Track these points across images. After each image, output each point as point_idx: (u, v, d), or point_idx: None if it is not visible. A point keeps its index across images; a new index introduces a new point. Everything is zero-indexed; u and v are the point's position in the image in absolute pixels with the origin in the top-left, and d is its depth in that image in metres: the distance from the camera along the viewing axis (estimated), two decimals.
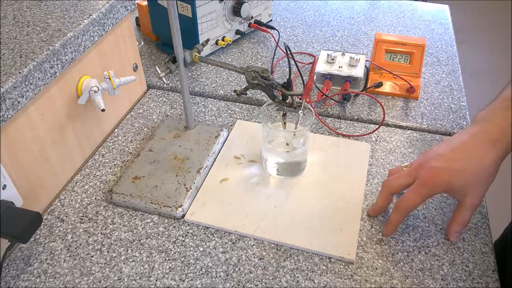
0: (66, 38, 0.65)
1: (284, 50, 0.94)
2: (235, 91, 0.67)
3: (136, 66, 0.88)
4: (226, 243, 0.63)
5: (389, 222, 0.63)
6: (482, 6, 3.45)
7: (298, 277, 0.59)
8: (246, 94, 0.67)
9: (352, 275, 0.59)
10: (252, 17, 1.05)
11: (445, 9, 1.23)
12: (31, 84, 0.60)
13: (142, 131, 0.83)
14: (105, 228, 0.66)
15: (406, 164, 0.68)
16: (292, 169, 0.73)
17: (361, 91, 0.90)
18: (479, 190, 0.59)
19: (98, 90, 0.70)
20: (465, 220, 0.61)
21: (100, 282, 0.59)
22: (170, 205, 0.67)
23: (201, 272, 0.60)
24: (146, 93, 0.93)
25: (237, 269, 0.60)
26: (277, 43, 1.03)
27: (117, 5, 0.75)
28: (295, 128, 0.68)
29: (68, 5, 0.73)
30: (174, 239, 0.64)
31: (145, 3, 1.04)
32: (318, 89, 0.87)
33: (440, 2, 1.27)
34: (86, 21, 0.69)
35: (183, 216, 0.67)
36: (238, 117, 0.86)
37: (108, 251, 0.63)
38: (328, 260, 0.61)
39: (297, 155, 0.72)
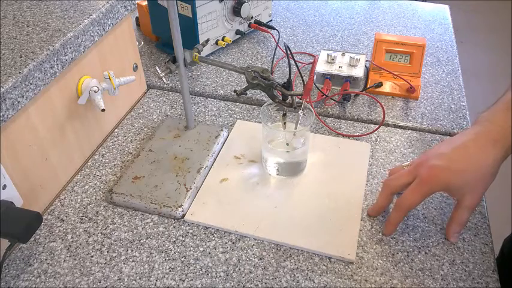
0: (66, 38, 0.65)
1: (284, 50, 0.94)
2: (235, 91, 0.67)
3: (136, 66, 0.88)
4: (226, 243, 0.63)
5: (389, 221, 0.63)
6: (482, 6, 3.45)
7: (298, 277, 0.59)
8: (246, 94, 0.67)
9: (352, 275, 0.59)
10: (252, 17, 1.05)
11: (445, 9, 1.23)
12: (31, 84, 0.60)
13: (142, 131, 0.83)
14: (105, 228, 0.66)
15: (407, 163, 0.68)
16: (292, 169, 0.73)
17: (361, 91, 0.90)
18: (478, 191, 0.59)
19: (98, 90, 0.70)
20: (464, 220, 0.61)
21: (100, 282, 0.59)
22: (170, 205, 0.67)
23: (201, 272, 0.60)
24: (146, 93, 0.93)
25: (237, 269, 0.60)
26: (277, 43, 1.03)
27: (117, 5, 0.75)
28: (295, 128, 0.68)
29: (68, 5, 0.73)
30: (174, 239, 0.64)
31: (145, 3, 1.04)
32: (318, 89, 0.87)
33: (440, 2, 1.27)
34: (86, 21, 0.69)
35: (183, 216, 0.67)
36: (238, 117, 0.86)
37: (108, 251, 0.63)
38: (328, 260, 0.61)
39: (297, 155, 0.72)
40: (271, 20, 1.13)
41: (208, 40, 0.78)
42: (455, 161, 0.58)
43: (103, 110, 0.69)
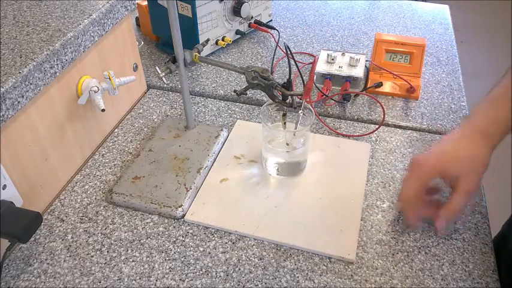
0: (66, 38, 0.65)
1: (284, 50, 0.94)
2: (235, 91, 0.67)
3: (136, 66, 0.88)
4: (226, 243, 0.63)
5: (408, 219, 0.64)
6: (482, 6, 3.45)
7: (298, 277, 0.59)
8: (246, 94, 0.67)
9: (352, 275, 0.59)
10: (252, 17, 1.05)
11: (445, 9, 1.23)
12: (31, 84, 0.60)
13: (142, 131, 0.83)
14: (105, 228, 0.66)
15: None
16: (292, 169, 0.73)
17: (361, 91, 0.90)
18: (471, 176, 0.60)
19: (98, 90, 0.70)
20: (455, 207, 0.60)
21: (100, 282, 0.59)
22: (170, 205, 0.67)
23: (201, 272, 0.60)
24: (146, 93, 0.93)
25: (237, 269, 0.60)
26: (277, 43, 1.03)
27: (117, 5, 0.75)
28: (295, 128, 0.68)
29: (68, 5, 0.73)
30: (174, 239, 0.64)
31: (145, 3, 1.04)
32: (318, 89, 0.87)
33: (440, 2, 1.27)
34: (86, 21, 0.69)
35: (183, 216, 0.67)
36: (238, 117, 0.86)
37: (108, 251, 0.63)
38: (328, 260, 0.61)
39: (297, 155, 0.72)
40: (271, 20, 1.13)
41: (208, 40, 0.78)
42: (445, 152, 0.62)
43: (103, 110, 0.69)
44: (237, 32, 1.04)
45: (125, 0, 0.77)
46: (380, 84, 0.90)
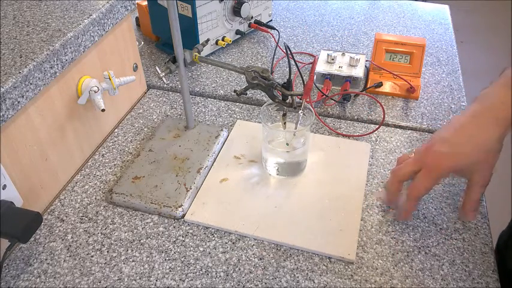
0: (66, 38, 0.65)
1: (284, 50, 0.94)
2: (235, 91, 0.67)
3: (136, 66, 0.88)
4: (226, 243, 0.63)
5: (405, 210, 0.64)
6: (482, 6, 3.45)
7: (298, 277, 0.59)
8: (246, 94, 0.67)
9: (352, 275, 0.59)
10: (252, 17, 1.05)
11: (445, 9, 1.23)
12: (31, 84, 0.60)
13: (143, 131, 0.83)
14: (105, 228, 0.66)
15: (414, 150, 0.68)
16: (292, 169, 0.73)
17: (361, 91, 0.90)
18: (485, 168, 0.59)
19: (98, 90, 0.70)
20: (477, 197, 0.62)
21: (100, 282, 0.59)
22: (170, 205, 0.67)
23: (201, 272, 0.60)
24: (146, 93, 0.93)
25: (237, 269, 0.60)
26: (277, 43, 1.03)
27: (117, 5, 0.75)
28: (295, 128, 0.68)
29: (68, 5, 0.73)
30: (174, 239, 0.64)
31: (145, 3, 1.04)
32: (318, 89, 0.87)
33: (440, 2, 1.27)
34: (86, 21, 0.69)
35: (183, 216, 0.67)
36: (238, 117, 0.86)
37: (108, 251, 0.63)
38: (328, 260, 0.61)
39: (297, 155, 0.72)
40: (271, 20, 1.13)
41: (208, 40, 0.78)
42: (458, 144, 0.59)
43: (103, 110, 0.69)
44: (237, 32, 1.04)
45: (125, 0, 0.77)
46: (380, 84, 0.90)
